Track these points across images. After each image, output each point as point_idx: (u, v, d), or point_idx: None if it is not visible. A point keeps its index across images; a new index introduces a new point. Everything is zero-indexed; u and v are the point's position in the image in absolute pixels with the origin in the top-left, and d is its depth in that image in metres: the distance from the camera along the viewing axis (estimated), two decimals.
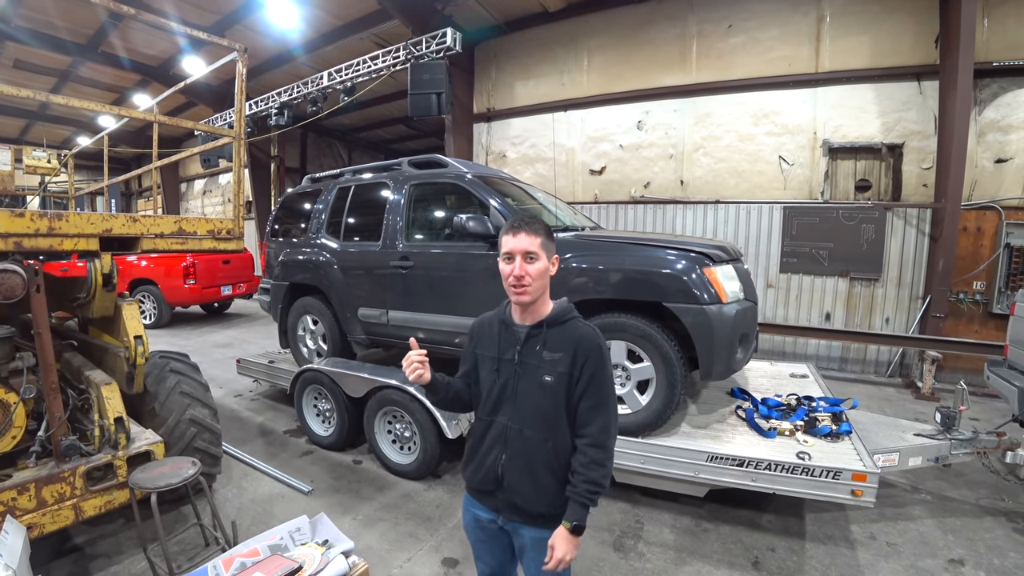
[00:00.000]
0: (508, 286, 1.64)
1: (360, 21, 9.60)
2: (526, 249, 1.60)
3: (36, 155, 7.28)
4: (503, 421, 1.69)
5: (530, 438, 1.65)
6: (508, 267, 1.62)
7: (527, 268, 1.60)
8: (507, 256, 1.63)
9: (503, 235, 1.67)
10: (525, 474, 1.66)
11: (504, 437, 1.69)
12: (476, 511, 1.81)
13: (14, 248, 2.45)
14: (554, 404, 1.64)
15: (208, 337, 9.42)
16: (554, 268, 1.69)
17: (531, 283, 1.61)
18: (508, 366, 1.70)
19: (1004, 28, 6.10)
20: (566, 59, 8.99)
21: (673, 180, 8.22)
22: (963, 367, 6.34)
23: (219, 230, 3.26)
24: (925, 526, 3.32)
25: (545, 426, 1.65)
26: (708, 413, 3.74)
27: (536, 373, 1.65)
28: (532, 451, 1.65)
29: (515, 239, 1.62)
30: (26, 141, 17.50)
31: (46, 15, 9.71)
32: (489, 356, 1.75)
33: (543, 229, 1.65)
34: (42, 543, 2.78)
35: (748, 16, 7.46)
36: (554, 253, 1.69)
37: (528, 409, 1.66)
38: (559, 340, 1.65)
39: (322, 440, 4.51)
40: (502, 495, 1.71)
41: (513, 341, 1.70)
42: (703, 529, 3.28)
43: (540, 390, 1.64)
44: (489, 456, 1.71)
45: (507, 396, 1.69)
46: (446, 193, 4.42)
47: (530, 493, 1.66)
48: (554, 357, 1.64)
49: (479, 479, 1.75)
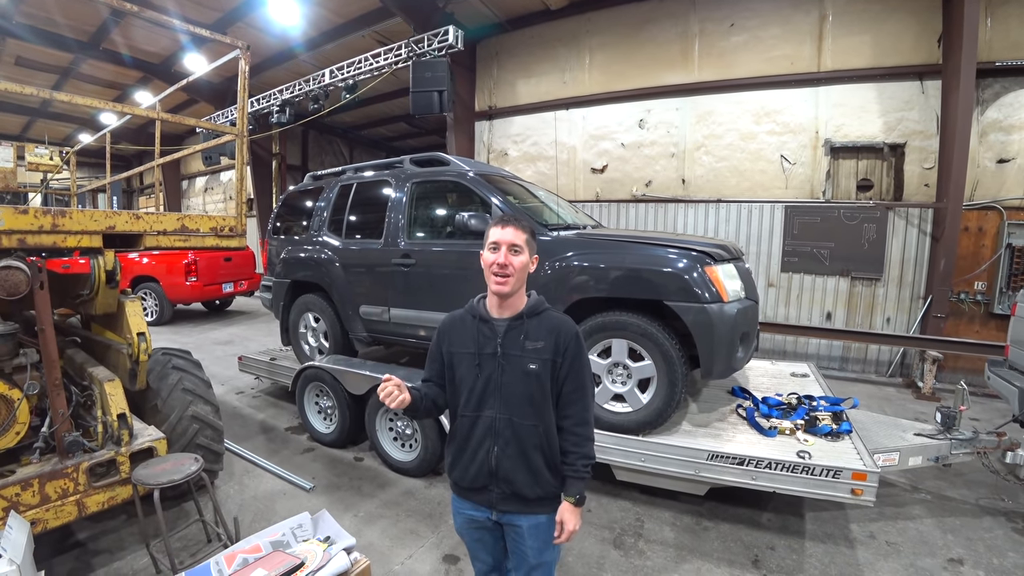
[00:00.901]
0: (490, 274, 1.69)
1: (362, 18, 9.60)
2: (512, 241, 1.67)
3: (38, 152, 7.30)
4: (491, 414, 1.73)
5: (520, 425, 1.70)
6: (492, 256, 1.68)
7: (511, 259, 1.67)
8: (493, 246, 1.69)
9: (491, 227, 1.73)
10: (519, 461, 1.71)
11: (494, 429, 1.72)
12: (468, 512, 1.84)
13: (18, 245, 2.46)
14: (540, 390, 1.71)
15: (209, 334, 9.43)
16: (533, 266, 1.76)
17: (513, 273, 1.67)
18: (490, 360, 1.73)
19: (1007, 28, 6.09)
20: (568, 57, 8.98)
21: (675, 179, 8.22)
22: (964, 367, 6.35)
23: (222, 227, 3.27)
24: (925, 525, 3.33)
25: (534, 412, 1.71)
26: (709, 412, 3.75)
27: (520, 363, 1.71)
28: (524, 437, 1.71)
29: (503, 231, 1.69)
30: (28, 138, 17.49)
31: (47, 12, 9.71)
32: (467, 353, 1.77)
33: (529, 228, 1.74)
34: (45, 539, 2.80)
35: (750, 15, 7.45)
36: (535, 253, 1.78)
37: (516, 398, 1.71)
38: (539, 330, 1.73)
39: (323, 437, 4.53)
40: (496, 488, 1.74)
41: (492, 335, 1.74)
42: (703, 527, 3.29)
43: (526, 378, 1.70)
44: (480, 451, 1.74)
45: (492, 389, 1.73)
46: (448, 191, 4.43)
47: (526, 478, 1.72)
48: (537, 346, 1.71)
49: (471, 476, 1.77)
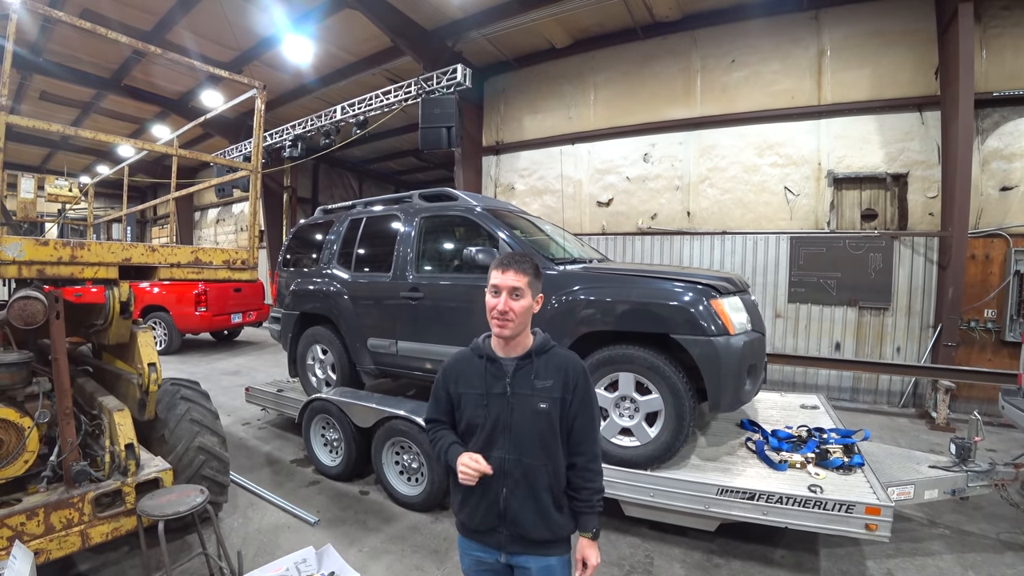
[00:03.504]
0: (491, 318, 1.68)
1: (373, 57, 9.95)
2: (512, 285, 1.64)
3: (58, 184, 7.53)
4: (499, 455, 1.68)
5: (529, 465, 1.66)
6: (493, 300, 1.66)
7: (511, 304, 1.64)
8: (494, 289, 1.67)
9: (493, 268, 1.70)
10: (529, 502, 1.67)
11: (503, 470, 1.67)
12: (476, 553, 1.78)
13: (37, 275, 2.53)
14: (550, 429, 1.67)
15: (217, 364, 9.46)
16: (537, 306, 1.73)
17: (514, 319, 1.65)
18: (498, 400, 1.70)
19: (1002, 59, 6.22)
20: (573, 94, 9.22)
21: (680, 211, 8.30)
22: (977, 396, 6.25)
23: (234, 260, 3.34)
24: (944, 561, 3.23)
25: (544, 451, 1.67)
26: (718, 445, 3.70)
27: (530, 402, 1.67)
28: (533, 478, 1.67)
29: (503, 275, 1.66)
30: (48, 169, 18.02)
31: (73, 50, 10.15)
32: (474, 393, 1.73)
33: (531, 268, 1.70)
34: (47, 569, 2.77)
35: (750, 51, 7.65)
36: (539, 292, 1.74)
37: (526, 438, 1.67)
38: (548, 368, 1.70)
39: (329, 470, 4.49)
40: (505, 529, 1.69)
41: (500, 374, 1.71)
42: (714, 564, 3.21)
43: (536, 417, 1.67)
44: (489, 492, 1.69)
45: (501, 429, 1.69)
46: (456, 225, 4.50)
47: (534, 520, 1.67)
48: (546, 384, 1.68)
49: (479, 519, 1.72)
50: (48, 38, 9.70)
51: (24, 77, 11.13)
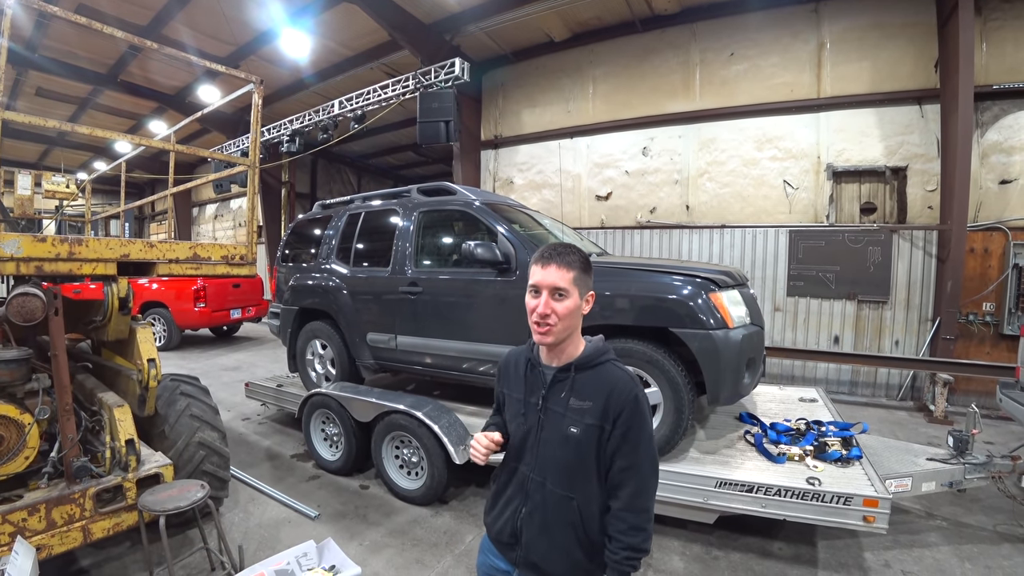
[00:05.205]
0: (531, 323, 1.44)
1: (371, 52, 9.91)
2: (555, 284, 1.39)
3: (55, 180, 7.51)
4: (525, 471, 1.52)
5: (552, 493, 1.46)
6: (533, 302, 1.42)
7: (554, 306, 1.39)
8: (534, 289, 1.43)
9: (533, 263, 1.45)
10: (543, 533, 1.48)
11: (525, 489, 1.51)
12: (493, 559, 1.64)
13: (35, 272, 2.52)
14: (579, 459, 1.43)
15: (217, 360, 9.47)
16: (587, 307, 1.47)
17: (556, 323, 1.40)
18: (533, 411, 1.52)
19: (1002, 52, 6.20)
20: (572, 87, 9.19)
21: (679, 205, 8.29)
22: (976, 390, 6.27)
23: (232, 256, 3.33)
24: (941, 553, 3.25)
25: (569, 482, 1.45)
26: (716, 438, 3.71)
27: (561, 422, 1.45)
28: (553, 507, 1.46)
29: (544, 271, 1.41)
30: (44, 166, 17.96)
31: (69, 46, 10.10)
32: (516, 398, 1.58)
33: (579, 262, 1.43)
34: (49, 564, 2.78)
35: (749, 44, 7.63)
36: (589, 290, 1.47)
37: (551, 461, 1.47)
38: (589, 387, 1.45)
39: (329, 464, 4.50)
40: (520, 551, 1.53)
41: (539, 384, 1.52)
42: (713, 557, 3.23)
43: (564, 442, 1.45)
44: (509, 507, 1.55)
45: (530, 444, 1.51)
46: (454, 220, 4.49)
47: (548, 552, 1.48)
48: (582, 406, 1.43)
49: (498, 528, 1.59)
50: (44, 34, 9.64)
51: (20, 73, 11.09)
